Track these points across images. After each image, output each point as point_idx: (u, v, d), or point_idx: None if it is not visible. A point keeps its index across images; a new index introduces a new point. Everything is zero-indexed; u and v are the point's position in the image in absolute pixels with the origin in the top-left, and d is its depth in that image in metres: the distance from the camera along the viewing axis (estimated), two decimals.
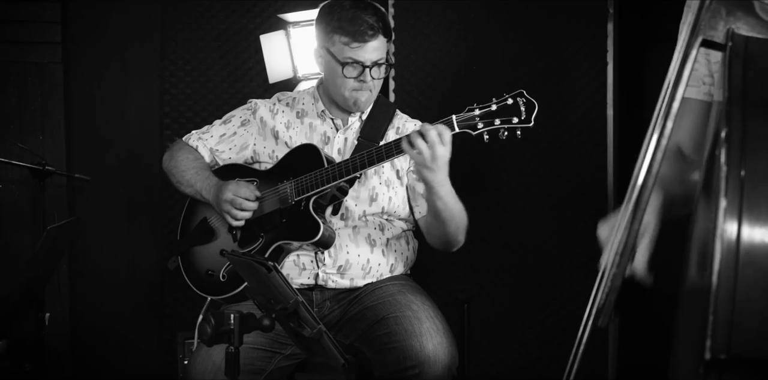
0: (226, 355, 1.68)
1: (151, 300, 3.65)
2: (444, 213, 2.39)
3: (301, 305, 1.66)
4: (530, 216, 3.32)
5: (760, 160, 0.95)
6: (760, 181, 0.94)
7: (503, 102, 2.25)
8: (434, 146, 2.21)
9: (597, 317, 1.20)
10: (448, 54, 3.38)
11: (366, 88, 2.50)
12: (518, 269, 3.34)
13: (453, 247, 2.55)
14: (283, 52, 3.42)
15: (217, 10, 3.59)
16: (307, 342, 1.77)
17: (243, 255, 1.94)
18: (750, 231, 0.93)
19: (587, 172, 3.26)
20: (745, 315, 0.93)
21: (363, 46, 2.43)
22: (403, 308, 2.35)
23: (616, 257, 1.17)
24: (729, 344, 0.93)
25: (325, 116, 2.63)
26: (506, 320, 3.35)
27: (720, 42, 1.12)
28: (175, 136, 3.56)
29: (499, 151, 3.31)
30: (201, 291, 2.58)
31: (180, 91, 3.62)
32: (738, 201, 0.93)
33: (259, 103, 2.71)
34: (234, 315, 1.65)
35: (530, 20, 3.29)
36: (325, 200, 2.49)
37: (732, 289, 0.92)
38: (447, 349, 2.25)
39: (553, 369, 3.32)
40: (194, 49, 3.60)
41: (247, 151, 2.66)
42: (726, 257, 0.93)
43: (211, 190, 2.56)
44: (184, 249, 2.64)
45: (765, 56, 1.09)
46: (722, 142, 0.97)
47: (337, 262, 2.50)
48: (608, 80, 3.22)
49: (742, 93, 1.03)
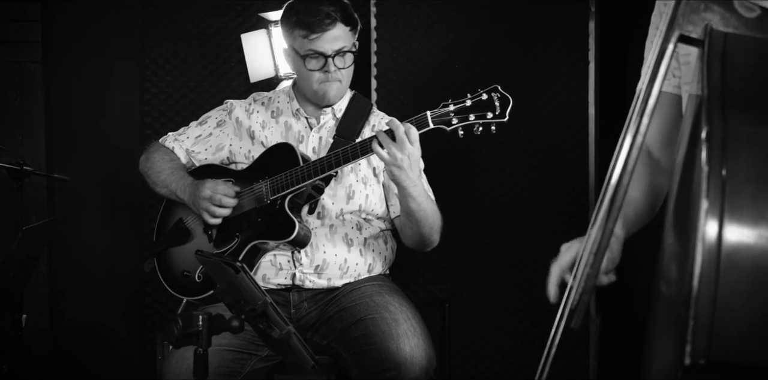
0: (195, 357, 1.66)
1: (131, 301, 3.62)
2: (417, 213, 2.37)
3: (269, 306, 1.64)
4: (511, 215, 3.31)
5: (742, 160, 0.92)
6: (742, 182, 0.91)
7: (477, 97, 2.24)
8: (402, 144, 2.19)
9: (570, 318, 1.17)
10: (429, 53, 3.36)
11: (333, 79, 2.50)
12: (499, 268, 3.32)
13: (427, 247, 2.54)
14: (265, 51, 3.40)
15: (198, 9, 3.56)
16: (276, 344, 1.74)
17: (211, 256, 1.92)
18: (732, 233, 0.90)
19: (568, 170, 3.25)
20: (725, 320, 0.90)
21: (321, 36, 2.43)
22: (381, 309, 2.34)
23: (590, 257, 1.15)
24: (709, 350, 0.90)
25: (299, 115, 2.62)
26: (487, 319, 3.34)
27: (698, 37, 1.10)
28: (156, 135, 3.52)
29: (480, 149, 3.30)
30: (177, 293, 2.56)
31: (161, 90, 3.58)
32: (719, 203, 0.90)
33: (235, 104, 2.69)
34: (202, 317, 1.62)
35: (512, 19, 3.28)
36: (301, 199, 2.47)
37: (713, 294, 0.90)
38: (424, 351, 2.23)
39: (534, 368, 3.30)
40: (175, 48, 3.57)
41: (223, 152, 2.65)
42: (707, 260, 0.90)
43: (187, 190, 2.53)
44: (159, 251, 2.62)
45: (744, 53, 1.07)
46: (703, 141, 0.94)
47: (314, 262, 2.48)
48: (590, 79, 3.21)
49: (721, 91, 1.01)
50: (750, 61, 1.07)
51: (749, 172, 0.92)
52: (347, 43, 2.48)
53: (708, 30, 1.09)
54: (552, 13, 3.23)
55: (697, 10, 1.10)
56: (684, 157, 1.12)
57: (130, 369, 3.58)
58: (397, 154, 2.20)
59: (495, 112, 2.21)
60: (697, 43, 1.11)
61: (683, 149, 1.15)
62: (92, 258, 3.62)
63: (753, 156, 0.93)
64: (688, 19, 1.10)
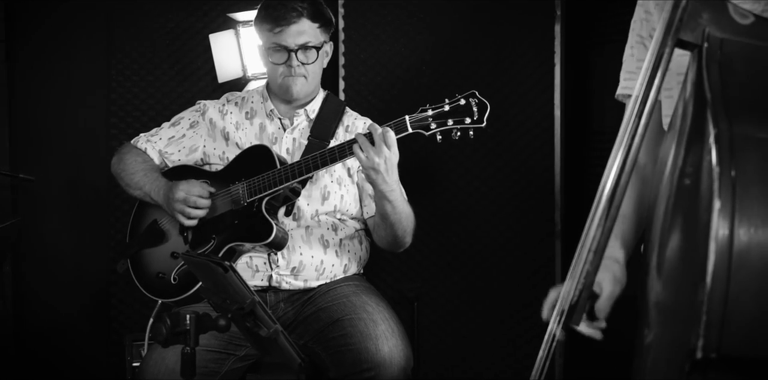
0: (182, 356, 1.66)
1: (97, 302, 3.57)
2: (392, 216, 2.39)
3: (257, 305, 1.65)
4: (479, 215, 3.35)
5: (749, 160, 0.96)
6: (751, 182, 0.94)
7: (456, 102, 2.26)
8: (380, 148, 2.21)
9: (570, 315, 1.20)
10: (397, 54, 3.38)
11: (297, 74, 2.50)
12: (467, 268, 3.36)
13: (399, 249, 2.55)
14: (233, 51, 3.38)
15: (165, 9, 3.52)
16: (263, 343, 1.75)
17: (199, 256, 1.92)
18: (743, 233, 0.94)
19: (535, 171, 3.30)
20: (736, 316, 0.93)
21: (285, 29, 2.44)
22: (358, 310, 2.35)
23: (590, 254, 1.17)
24: (720, 344, 0.94)
25: (273, 116, 2.61)
26: (455, 318, 3.37)
27: (694, 42, 1.14)
28: (122, 135, 3.49)
29: (448, 150, 3.33)
30: (151, 294, 2.53)
31: (127, 90, 3.54)
32: (731, 203, 0.94)
33: (208, 104, 2.68)
34: (190, 316, 1.62)
35: (479, 21, 3.31)
36: (278, 201, 2.47)
37: (725, 291, 0.93)
38: (402, 351, 2.25)
39: (502, 366, 3.35)
40: (142, 47, 3.53)
41: (197, 153, 2.63)
42: (720, 259, 0.93)
43: (161, 191, 2.52)
44: (133, 252, 2.59)
45: (740, 58, 1.11)
46: (711, 143, 0.97)
47: (290, 264, 2.48)
48: (555, 81, 3.26)
49: (722, 95, 1.04)
50: (746, 67, 1.10)
51: (757, 173, 0.96)
52: (312, 39, 2.48)
53: (705, 35, 1.12)
54: (518, 17, 3.28)
55: (693, 15, 1.13)
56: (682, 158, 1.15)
57: (97, 371, 3.54)
58: (375, 157, 2.22)
59: (473, 117, 2.23)
60: (693, 47, 1.15)
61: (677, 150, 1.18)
62: (57, 259, 3.57)
63: (759, 157, 0.97)
64: (685, 25, 1.13)
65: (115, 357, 3.44)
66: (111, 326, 3.54)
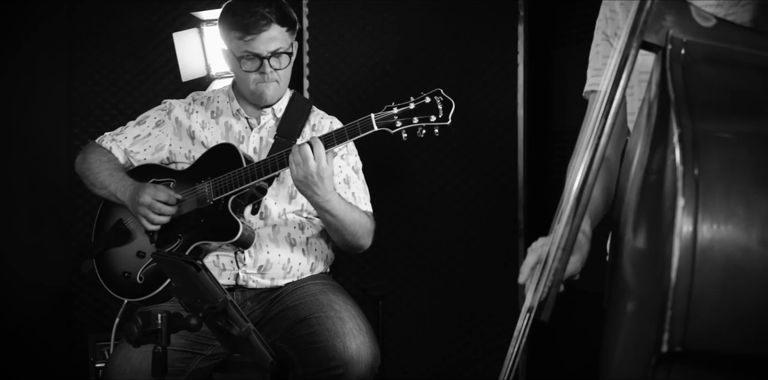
0: (153, 355, 1.66)
1: (58, 303, 3.53)
2: (334, 223, 2.40)
3: (229, 304, 1.65)
4: (443, 214, 3.37)
5: (711, 159, 0.99)
6: (713, 180, 0.97)
7: (421, 100, 2.27)
8: (306, 163, 2.23)
9: (539, 311, 1.22)
10: (362, 54, 3.39)
11: (270, 80, 2.50)
12: (432, 266, 3.39)
13: (355, 251, 2.56)
14: (196, 50, 3.37)
15: (128, 7, 3.49)
16: (234, 341, 1.75)
17: (170, 255, 1.91)
18: (706, 229, 0.97)
19: (498, 170, 3.34)
20: (700, 310, 0.96)
21: (256, 37, 2.43)
22: (326, 308, 2.36)
23: (558, 251, 1.20)
24: (684, 338, 0.97)
25: (239, 115, 2.61)
26: (419, 316, 3.40)
27: (658, 44, 1.17)
28: (84, 134, 3.46)
29: (413, 150, 3.35)
30: (117, 294, 2.52)
31: (89, 89, 3.51)
32: (694, 200, 0.97)
33: (174, 103, 2.67)
34: (161, 315, 1.62)
35: (444, 22, 3.34)
36: (244, 200, 2.47)
37: (689, 286, 0.96)
38: (370, 349, 2.26)
39: (466, 363, 3.38)
40: (104, 46, 3.49)
41: (163, 152, 2.62)
42: (684, 255, 0.96)
43: (127, 192, 2.50)
44: (98, 252, 2.57)
45: (702, 59, 1.14)
46: (675, 142, 1.00)
47: (257, 262, 2.48)
48: (518, 81, 3.30)
49: (685, 95, 1.07)
50: (708, 68, 1.14)
51: (718, 170, 0.99)
52: (283, 44, 2.48)
53: (669, 37, 1.15)
54: (482, 17, 3.31)
55: (657, 18, 1.16)
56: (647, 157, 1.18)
57: (60, 372, 3.50)
58: (300, 171, 2.24)
59: (438, 115, 2.24)
60: (657, 49, 1.18)
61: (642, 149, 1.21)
62: (17, 259, 3.51)
63: (721, 156, 1.00)
64: (649, 27, 1.16)
65: (77, 357, 3.41)
66: (73, 326, 3.51)
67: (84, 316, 3.50)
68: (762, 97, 1.11)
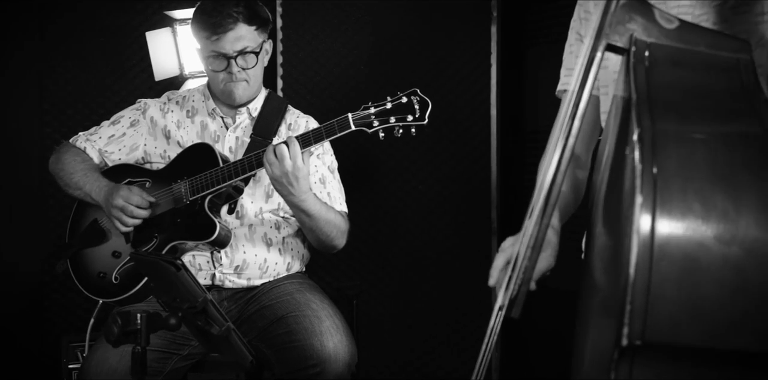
0: (133, 355, 1.66)
1: (30, 304, 3.51)
2: (308, 223, 2.42)
3: (209, 303, 1.66)
4: (417, 213, 3.40)
5: (669, 158, 1.02)
6: (670, 178, 1.01)
7: (398, 100, 2.28)
8: (281, 161, 2.25)
9: (510, 308, 1.24)
10: (336, 53, 3.41)
11: (239, 79, 2.50)
12: (406, 265, 3.41)
13: (330, 251, 2.58)
14: (169, 49, 3.36)
15: (101, 5, 3.48)
16: (213, 341, 1.76)
17: (149, 255, 1.91)
18: (663, 225, 1.00)
19: (472, 169, 3.36)
20: (658, 304, 0.99)
21: (223, 36, 2.43)
22: (303, 307, 2.37)
23: (528, 250, 1.22)
24: (644, 331, 1.00)
25: (215, 114, 2.62)
26: (394, 315, 3.42)
27: (623, 46, 1.20)
28: (56, 134, 3.44)
29: (387, 149, 3.37)
30: (92, 294, 2.51)
31: (60, 88, 3.49)
32: (652, 198, 1.00)
33: (149, 103, 2.66)
34: (141, 315, 1.63)
35: (417, 22, 3.36)
36: (221, 199, 2.48)
37: (647, 281, 0.99)
38: (347, 347, 2.28)
39: (440, 361, 3.40)
40: (76, 44, 3.48)
41: (138, 152, 2.62)
42: (642, 250, 0.99)
43: (102, 193, 2.50)
44: (73, 252, 2.56)
45: (665, 61, 1.17)
46: (635, 142, 1.03)
47: (234, 262, 2.49)
48: (492, 81, 3.33)
49: (647, 96, 1.11)
50: (670, 69, 1.17)
51: (676, 169, 1.02)
52: (251, 43, 2.47)
53: (633, 39, 1.18)
54: (455, 17, 3.33)
55: (622, 21, 1.19)
56: (612, 155, 1.21)
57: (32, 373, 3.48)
58: (275, 170, 2.26)
59: (415, 114, 2.26)
60: (622, 51, 1.21)
61: (610, 147, 1.24)
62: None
63: (679, 154, 1.03)
64: (614, 30, 1.19)
65: (49, 358, 3.39)
66: (44, 327, 3.49)
67: (56, 317, 3.49)
68: (721, 97, 1.14)
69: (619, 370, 1.04)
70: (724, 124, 1.08)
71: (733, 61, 1.17)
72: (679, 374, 1.04)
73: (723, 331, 0.99)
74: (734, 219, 0.99)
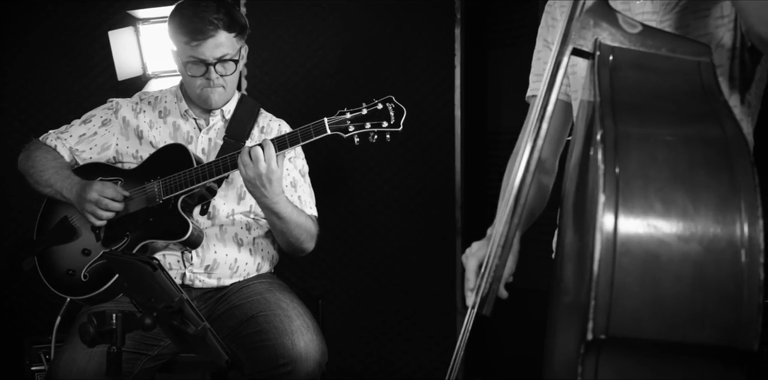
0: (108, 356, 1.67)
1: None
2: (279, 225, 2.45)
3: (185, 303, 1.67)
4: (382, 213, 3.42)
5: (631, 158, 1.06)
6: (632, 178, 1.05)
7: (373, 107, 2.31)
8: (256, 163, 2.27)
9: (481, 306, 1.28)
10: (301, 54, 3.42)
11: (216, 86, 2.51)
12: (371, 265, 3.43)
13: (298, 254, 2.61)
14: (132, 49, 3.35)
15: (61, 4, 3.45)
16: (188, 340, 1.77)
17: (124, 254, 1.92)
18: (625, 223, 1.04)
19: (436, 170, 3.39)
20: (621, 299, 1.04)
21: (203, 43, 2.43)
22: (273, 306, 2.39)
23: (498, 249, 1.26)
24: (608, 326, 1.04)
25: (188, 116, 2.62)
26: (360, 315, 3.44)
27: (588, 50, 1.24)
28: (16, 133, 3.42)
29: (352, 150, 3.38)
30: (60, 292, 2.50)
31: (21, 87, 3.46)
32: (614, 197, 1.04)
33: (121, 103, 2.66)
34: (116, 315, 1.64)
35: (382, 23, 3.38)
36: (194, 200, 2.49)
37: (611, 276, 1.03)
38: (318, 346, 2.30)
39: (405, 360, 3.43)
40: (36, 43, 3.44)
41: (109, 151, 2.61)
42: (605, 247, 1.03)
43: (74, 189, 2.49)
44: (41, 249, 2.55)
45: (628, 64, 1.22)
46: (598, 142, 1.07)
47: (204, 262, 2.50)
48: (456, 82, 3.35)
49: (610, 98, 1.15)
50: (633, 73, 1.21)
51: (638, 168, 1.06)
52: (230, 50, 2.48)
53: (597, 44, 1.23)
54: (420, 19, 3.36)
55: (587, 26, 1.23)
56: (579, 159, 1.25)
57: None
58: (250, 172, 2.29)
59: (390, 121, 2.30)
60: (588, 55, 1.25)
61: (578, 151, 1.28)
62: None
63: (640, 155, 1.07)
64: (579, 34, 1.23)
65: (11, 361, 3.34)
66: (4, 328, 3.46)
67: (17, 319, 3.45)
68: (682, 99, 1.19)
69: (586, 365, 1.08)
70: (684, 125, 1.13)
71: (694, 64, 1.22)
72: (643, 368, 1.08)
73: (684, 325, 1.03)
74: (693, 217, 1.03)
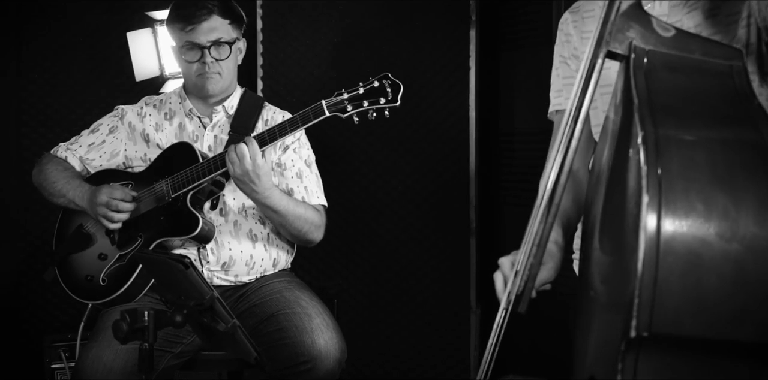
0: (140, 352, 1.69)
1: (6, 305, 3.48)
2: (277, 218, 2.47)
3: (216, 300, 1.69)
4: (397, 213, 3.43)
5: (672, 160, 1.08)
6: (674, 179, 1.07)
7: (369, 85, 2.32)
8: (241, 160, 2.29)
9: (516, 304, 1.30)
10: (316, 55, 3.43)
11: (212, 71, 2.54)
12: (385, 264, 3.44)
13: (306, 245, 2.63)
14: (150, 50, 3.37)
15: (81, 5, 3.46)
16: (218, 338, 1.79)
17: (156, 253, 1.94)
18: (668, 223, 1.06)
19: (451, 171, 3.41)
20: (664, 297, 1.06)
21: (196, 27, 2.48)
22: (292, 305, 2.40)
23: (533, 248, 1.28)
24: (651, 323, 1.06)
25: (192, 115, 2.65)
26: (375, 315, 3.45)
27: (623, 53, 1.26)
28: (34, 134, 3.44)
29: (367, 150, 3.41)
30: (81, 298, 2.52)
31: (39, 87, 3.48)
32: (657, 198, 1.06)
33: (126, 109, 2.70)
34: (148, 312, 1.66)
35: (397, 25, 3.39)
36: (203, 195, 2.50)
37: (654, 275, 1.05)
38: (338, 344, 2.32)
39: (419, 360, 3.44)
40: (55, 44, 3.46)
41: (119, 158, 2.65)
42: (649, 247, 1.05)
43: (85, 196, 2.52)
44: (60, 258, 2.58)
45: (663, 67, 1.23)
46: (639, 144, 1.09)
47: (220, 259, 2.52)
48: (470, 84, 3.37)
49: (648, 100, 1.17)
50: (668, 75, 1.23)
51: (679, 170, 1.08)
52: (224, 35, 2.52)
53: (632, 47, 1.24)
54: (435, 21, 3.38)
55: (621, 29, 1.25)
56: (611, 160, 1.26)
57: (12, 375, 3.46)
58: (237, 169, 2.31)
59: (387, 97, 2.30)
60: (621, 58, 1.27)
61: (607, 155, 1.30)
62: None
63: (681, 157, 1.09)
64: (614, 37, 1.25)
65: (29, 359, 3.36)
66: (22, 328, 3.48)
67: (34, 318, 3.48)
68: (717, 102, 1.21)
69: (626, 361, 1.10)
70: (721, 128, 1.15)
71: (727, 68, 1.24)
72: (682, 364, 1.10)
73: (724, 323, 1.05)
74: (734, 218, 1.05)
